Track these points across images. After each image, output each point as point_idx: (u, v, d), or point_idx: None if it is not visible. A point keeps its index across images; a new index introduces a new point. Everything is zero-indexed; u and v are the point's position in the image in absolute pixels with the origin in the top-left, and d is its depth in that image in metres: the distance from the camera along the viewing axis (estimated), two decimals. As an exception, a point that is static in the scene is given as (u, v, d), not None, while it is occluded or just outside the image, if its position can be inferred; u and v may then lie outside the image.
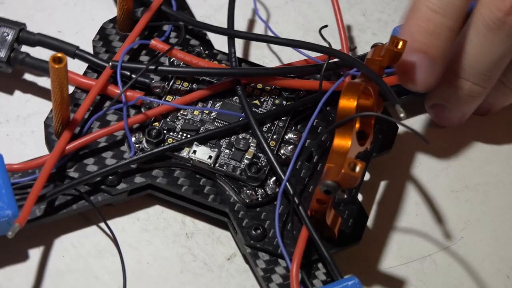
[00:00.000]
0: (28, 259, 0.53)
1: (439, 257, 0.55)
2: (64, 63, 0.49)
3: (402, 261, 0.55)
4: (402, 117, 0.49)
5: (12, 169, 0.52)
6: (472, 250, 0.56)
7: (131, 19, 0.58)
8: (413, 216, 0.57)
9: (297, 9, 0.64)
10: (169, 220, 0.55)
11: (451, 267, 0.55)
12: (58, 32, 0.59)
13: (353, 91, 0.49)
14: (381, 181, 0.58)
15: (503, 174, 0.59)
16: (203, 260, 0.54)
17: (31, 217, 0.52)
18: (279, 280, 0.52)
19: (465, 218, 0.57)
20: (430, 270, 0.55)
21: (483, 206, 0.58)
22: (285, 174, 0.52)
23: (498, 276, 0.55)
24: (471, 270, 0.55)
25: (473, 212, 0.57)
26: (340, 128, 0.49)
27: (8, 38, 0.56)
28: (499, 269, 0.55)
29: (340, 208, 0.54)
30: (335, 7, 0.59)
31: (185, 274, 0.53)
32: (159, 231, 0.55)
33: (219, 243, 0.55)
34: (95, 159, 0.54)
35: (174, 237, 0.54)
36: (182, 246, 0.54)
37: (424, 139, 0.47)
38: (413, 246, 0.56)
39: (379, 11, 0.64)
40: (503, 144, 0.60)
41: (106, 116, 0.55)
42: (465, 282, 0.55)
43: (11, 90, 0.58)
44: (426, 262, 0.55)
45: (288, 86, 0.56)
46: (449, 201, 0.57)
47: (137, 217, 0.55)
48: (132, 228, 0.55)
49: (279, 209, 0.52)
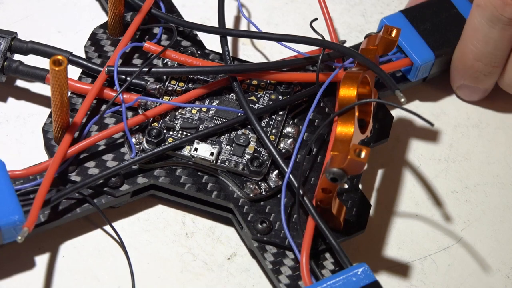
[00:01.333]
0: (29, 261, 0.53)
1: (439, 257, 0.56)
2: (64, 65, 0.49)
3: (402, 261, 0.55)
4: (402, 102, 0.50)
5: (14, 175, 0.52)
6: (472, 250, 0.56)
7: (121, 23, 0.58)
8: (413, 216, 0.57)
9: (296, 10, 0.64)
10: (169, 220, 0.55)
11: (451, 267, 0.55)
12: (58, 32, 0.59)
13: (353, 79, 0.50)
14: (381, 181, 0.58)
15: (503, 174, 0.59)
16: (203, 260, 0.54)
17: (36, 222, 0.51)
18: (288, 272, 0.52)
19: (465, 218, 0.57)
20: (430, 270, 0.55)
21: (483, 206, 0.58)
22: (287, 167, 0.53)
23: (498, 276, 0.55)
24: (471, 270, 0.55)
25: (473, 212, 0.58)
26: (342, 116, 0.49)
27: (1, 47, 0.56)
28: (499, 269, 0.56)
29: (343, 198, 0.54)
30: (321, 2, 0.60)
31: (185, 274, 0.53)
32: (159, 231, 0.55)
33: (219, 243, 0.55)
34: (96, 162, 0.54)
35: (174, 237, 0.54)
36: (182, 246, 0.54)
37: (428, 121, 0.47)
38: (413, 246, 0.56)
39: (379, 12, 0.65)
40: (503, 144, 0.60)
41: (104, 119, 0.55)
42: (465, 282, 0.55)
43: (10, 85, 0.58)
44: (426, 262, 0.55)
45: (284, 79, 0.56)
46: (449, 201, 0.58)
47: (137, 217, 0.55)
48: (132, 228, 0.54)
49: (284, 201, 0.52)
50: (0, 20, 0.60)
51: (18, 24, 0.60)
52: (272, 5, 0.64)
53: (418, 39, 0.59)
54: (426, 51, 0.59)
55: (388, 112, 0.58)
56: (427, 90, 0.61)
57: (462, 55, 0.58)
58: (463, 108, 0.61)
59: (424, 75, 0.60)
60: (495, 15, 0.55)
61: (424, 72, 0.59)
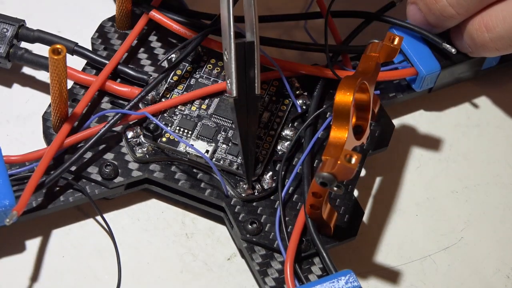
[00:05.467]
0: (27, 259, 0.53)
1: (439, 257, 0.55)
2: (63, 54, 0.49)
3: (402, 261, 0.55)
4: (453, 52, 0.57)
5: (10, 160, 0.52)
6: (472, 250, 0.56)
7: (129, 17, 0.59)
8: (413, 216, 0.57)
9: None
10: (169, 220, 0.55)
11: (451, 267, 0.55)
12: (58, 32, 0.60)
13: (350, 85, 0.50)
14: (382, 182, 0.58)
15: (503, 174, 0.59)
16: (203, 260, 0.54)
17: (28, 208, 0.52)
18: (275, 274, 0.52)
19: (465, 218, 0.57)
20: (430, 270, 0.55)
21: (483, 206, 0.58)
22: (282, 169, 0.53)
23: (498, 276, 0.55)
24: (471, 270, 0.55)
25: (473, 212, 0.57)
26: (337, 121, 0.49)
27: (8, 34, 0.56)
28: (499, 269, 0.55)
29: (336, 204, 0.54)
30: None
31: (185, 274, 0.53)
32: (159, 231, 0.55)
33: (219, 243, 0.55)
34: (92, 153, 0.54)
35: (174, 237, 0.55)
36: (182, 246, 0.54)
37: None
38: (413, 246, 0.56)
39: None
40: (503, 144, 0.60)
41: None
42: (465, 282, 0.55)
43: (10, 85, 0.59)
44: (426, 262, 0.55)
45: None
46: (449, 201, 0.58)
47: (137, 218, 0.55)
48: (132, 228, 0.55)
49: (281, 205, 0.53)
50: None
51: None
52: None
53: (425, 49, 0.59)
54: (432, 62, 0.58)
55: (390, 121, 0.57)
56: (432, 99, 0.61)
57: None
58: (463, 108, 0.61)
59: (430, 85, 0.59)
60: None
61: (429, 83, 0.59)
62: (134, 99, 0.55)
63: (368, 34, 0.62)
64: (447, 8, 0.56)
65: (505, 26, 0.55)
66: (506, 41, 0.56)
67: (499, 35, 0.55)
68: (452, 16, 0.56)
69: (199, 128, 0.55)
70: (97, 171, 0.53)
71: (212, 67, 0.57)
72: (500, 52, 0.57)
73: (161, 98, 0.56)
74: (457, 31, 0.58)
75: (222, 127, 0.55)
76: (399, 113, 0.60)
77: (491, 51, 0.57)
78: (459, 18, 0.57)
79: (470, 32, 0.57)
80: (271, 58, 0.57)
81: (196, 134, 0.55)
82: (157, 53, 0.58)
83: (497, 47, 0.56)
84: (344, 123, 0.49)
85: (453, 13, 0.56)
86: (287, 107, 0.56)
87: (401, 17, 0.59)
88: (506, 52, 0.57)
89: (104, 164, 0.53)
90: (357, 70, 0.52)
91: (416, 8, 0.58)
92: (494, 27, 0.55)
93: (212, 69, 0.57)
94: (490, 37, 0.56)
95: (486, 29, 0.56)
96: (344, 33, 0.60)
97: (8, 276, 0.52)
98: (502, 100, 0.62)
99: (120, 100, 0.56)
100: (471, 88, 0.62)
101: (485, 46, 0.56)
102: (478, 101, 0.61)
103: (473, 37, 0.56)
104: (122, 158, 0.54)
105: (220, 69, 0.57)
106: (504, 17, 0.55)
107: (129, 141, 0.54)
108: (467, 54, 0.58)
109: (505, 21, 0.55)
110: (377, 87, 0.58)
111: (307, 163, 0.54)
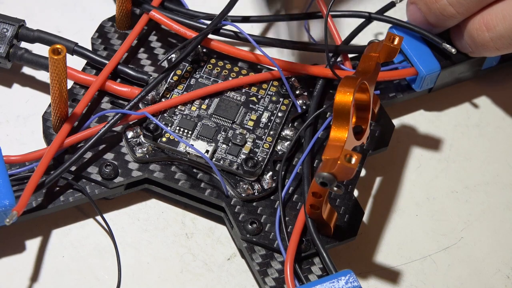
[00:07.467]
0: (27, 259, 0.53)
1: (439, 257, 0.55)
2: (63, 54, 0.49)
3: (402, 261, 0.55)
4: (453, 52, 0.56)
5: (10, 161, 0.52)
6: (472, 250, 0.56)
7: (129, 17, 0.59)
8: (413, 216, 0.57)
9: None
10: (169, 220, 0.55)
11: (451, 267, 0.55)
12: (58, 32, 0.60)
13: (350, 85, 0.50)
14: (382, 182, 0.58)
15: (504, 174, 0.59)
16: (203, 260, 0.54)
17: (28, 208, 0.52)
18: (275, 274, 0.52)
19: (465, 218, 0.57)
20: (430, 270, 0.55)
21: (483, 206, 0.58)
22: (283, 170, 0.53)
23: (498, 276, 0.55)
24: (471, 270, 0.55)
25: (473, 212, 0.57)
26: (337, 121, 0.49)
27: (8, 34, 0.56)
28: (499, 269, 0.55)
29: (336, 204, 0.54)
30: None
31: (185, 274, 0.53)
32: (159, 231, 0.55)
33: (219, 243, 0.55)
34: (92, 153, 0.54)
35: (174, 237, 0.55)
36: (182, 246, 0.54)
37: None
38: (413, 246, 0.56)
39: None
40: (503, 144, 0.60)
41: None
42: (465, 282, 0.55)
43: (10, 85, 0.59)
44: (426, 262, 0.55)
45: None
46: (449, 201, 0.58)
47: (137, 218, 0.55)
48: (132, 228, 0.55)
49: (281, 205, 0.53)
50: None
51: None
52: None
53: (425, 49, 0.59)
54: (432, 62, 0.58)
55: (390, 121, 0.57)
56: (432, 99, 0.61)
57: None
58: (463, 108, 0.61)
59: (430, 85, 0.59)
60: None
61: (429, 83, 0.59)
62: (134, 99, 0.55)
63: (368, 34, 0.62)
64: (447, 8, 0.56)
65: (505, 25, 0.55)
66: (507, 40, 0.56)
67: (500, 34, 0.55)
68: (452, 16, 0.56)
69: (199, 128, 0.55)
70: (97, 171, 0.53)
71: (212, 67, 0.57)
72: (500, 52, 0.57)
73: (161, 98, 0.56)
74: (457, 30, 0.58)
75: (222, 127, 0.55)
76: (399, 113, 0.60)
77: (491, 51, 0.57)
78: (459, 18, 0.57)
79: (470, 32, 0.57)
80: (271, 58, 0.57)
81: (196, 134, 0.55)
82: (157, 53, 0.58)
83: (498, 46, 0.56)
84: (344, 123, 0.49)
85: (453, 13, 0.56)
86: (287, 107, 0.56)
87: (401, 17, 0.60)
88: (506, 51, 0.57)
89: (104, 164, 0.53)
90: (357, 70, 0.52)
91: (416, 8, 0.58)
92: (495, 26, 0.55)
93: (212, 69, 0.57)
94: (490, 36, 0.56)
95: (486, 29, 0.56)
96: (344, 33, 0.60)
97: (8, 276, 0.52)
98: (502, 100, 0.62)
99: (120, 100, 0.56)
100: (471, 88, 0.62)
101: (486, 45, 0.56)
102: (478, 101, 0.61)
103: (473, 37, 0.56)
104: (122, 158, 0.54)
105: (220, 69, 0.57)
106: (504, 16, 0.55)
107: (129, 141, 0.54)
108: (467, 54, 0.58)
109: (505, 20, 0.55)
110: (377, 87, 0.58)
111: (307, 163, 0.54)
